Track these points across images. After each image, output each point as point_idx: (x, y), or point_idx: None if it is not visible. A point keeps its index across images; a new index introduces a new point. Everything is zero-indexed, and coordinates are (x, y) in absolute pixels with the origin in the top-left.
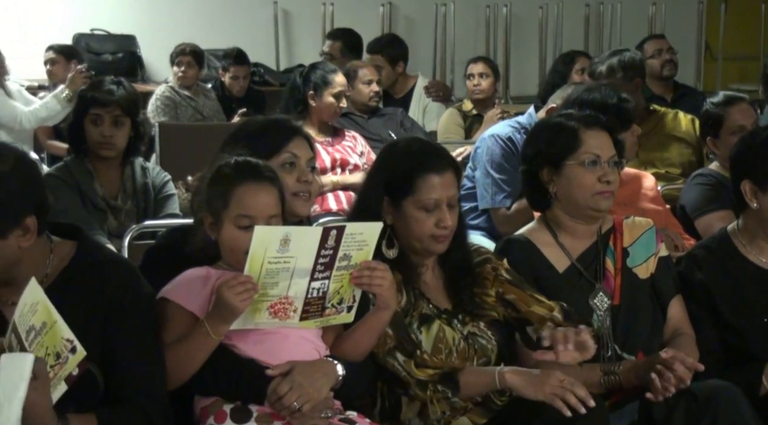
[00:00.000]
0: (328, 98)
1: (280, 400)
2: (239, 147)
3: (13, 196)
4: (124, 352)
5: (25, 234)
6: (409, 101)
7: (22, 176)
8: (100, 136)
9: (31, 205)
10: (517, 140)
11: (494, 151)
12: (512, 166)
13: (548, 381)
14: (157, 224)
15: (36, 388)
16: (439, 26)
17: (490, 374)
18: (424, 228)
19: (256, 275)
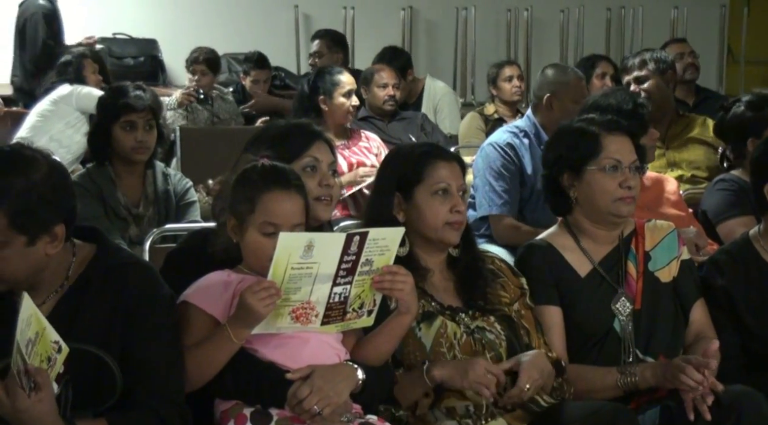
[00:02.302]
0: (339, 99)
1: (300, 404)
2: (263, 149)
3: (44, 204)
4: (142, 354)
5: (52, 241)
6: (420, 105)
7: (54, 184)
8: (135, 141)
9: (60, 213)
10: (516, 145)
11: (493, 159)
12: (511, 173)
13: (473, 369)
14: (178, 228)
15: (41, 400)
16: (460, 30)
17: (418, 375)
18: (439, 215)
19: (279, 281)
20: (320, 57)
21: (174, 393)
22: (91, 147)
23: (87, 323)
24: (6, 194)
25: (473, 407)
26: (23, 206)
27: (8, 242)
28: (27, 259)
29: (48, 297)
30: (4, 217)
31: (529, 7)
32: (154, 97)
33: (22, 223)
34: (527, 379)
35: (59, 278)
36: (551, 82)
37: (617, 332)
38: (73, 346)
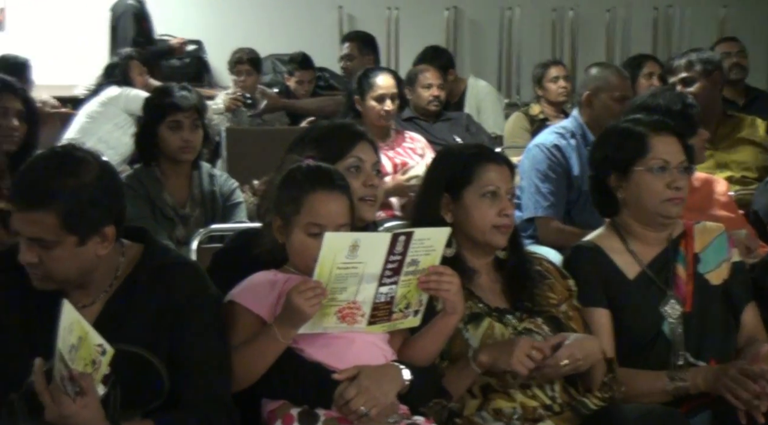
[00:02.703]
0: (370, 102)
1: (347, 404)
2: (307, 150)
3: (94, 205)
4: (190, 355)
5: (103, 242)
6: (462, 105)
7: (105, 184)
8: (181, 141)
9: (111, 214)
10: (563, 146)
11: (539, 160)
12: (557, 175)
13: (518, 346)
14: (224, 228)
15: (86, 405)
16: (505, 30)
17: (465, 363)
18: (487, 217)
19: (325, 281)
20: (351, 60)
21: (221, 393)
22: (138, 148)
23: (135, 323)
24: (58, 195)
25: (521, 409)
26: (74, 206)
27: (59, 242)
28: (77, 259)
29: (97, 298)
30: (56, 217)
31: (574, 6)
32: (200, 97)
33: (73, 223)
34: (567, 355)
35: (108, 278)
36: (592, 79)
37: (666, 335)
38: (119, 348)
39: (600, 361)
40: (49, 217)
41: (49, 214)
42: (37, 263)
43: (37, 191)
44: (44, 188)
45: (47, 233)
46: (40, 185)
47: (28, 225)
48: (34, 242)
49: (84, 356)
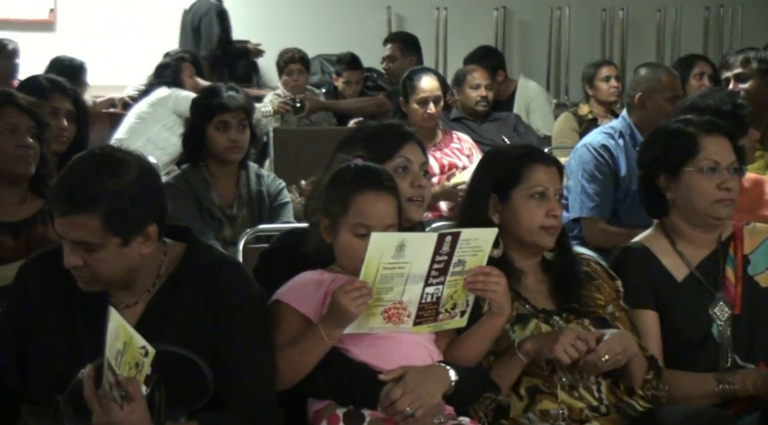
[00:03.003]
0: (413, 105)
1: (392, 405)
2: (355, 150)
3: (136, 204)
4: (234, 354)
5: (146, 241)
6: (511, 105)
7: (146, 184)
8: (229, 141)
9: (153, 213)
10: (611, 147)
11: (586, 161)
12: (604, 175)
13: (563, 334)
14: (271, 228)
15: (133, 411)
16: (554, 30)
17: (512, 354)
18: (535, 218)
19: (371, 281)
20: (393, 61)
21: (265, 392)
22: (186, 148)
23: (178, 322)
24: (99, 198)
25: (567, 410)
26: (116, 207)
27: (103, 244)
28: (122, 260)
29: (140, 298)
30: (99, 220)
31: (624, 6)
32: (247, 97)
33: (116, 224)
34: (607, 350)
35: (151, 277)
36: (643, 80)
37: (715, 337)
38: (162, 348)
39: (639, 357)
40: (92, 220)
41: (91, 217)
42: (83, 266)
43: (79, 195)
44: (85, 192)
45: (91, 236)
46: (81, 189)
47: (72, 229)
48: (78, 246)
49: (129, 360)
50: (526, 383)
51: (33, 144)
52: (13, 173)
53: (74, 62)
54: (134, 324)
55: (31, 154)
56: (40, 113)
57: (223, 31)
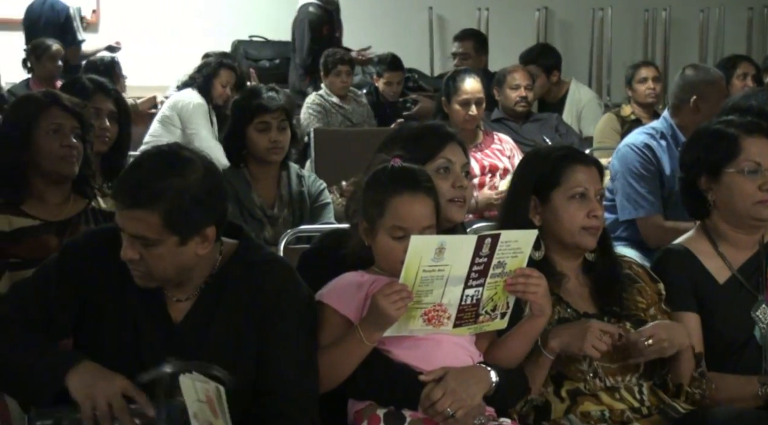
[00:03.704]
0: (455, 106)
1: (433, 406)
2: (396, 150)
3: (198, 205)
4: (279, 356)
5: (203, 242)
6: (562, 107)
7: (209, 185)
8: (269, 142)
9: (213, 215)
10: (654, 147)
11: (631, 160)
12: (651, 174)
13: (590, 331)
14: (312, 229)
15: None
16: (596, 31)
17: (539, 354)
18: (576, 219)
19: (410, 283)
20: (466, 59)
21: (306, 400)
22: (226, 149)
23: (225, 318)
24: (162, 195)
25: (609, 412)
26: (178, 206)
27: (161, 241)
28: (178, 258)
29: (192, 294)
30: (159, 217)
31: (667, 6)
32: (288, 98)
33: (176, 223)
34: (650, 333)
35: (204, 275)
36: (696, 83)
37: (757, 340)
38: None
39: (689, 353)
40: (153, 216)
41: (152, 213)
42: (138, 260)
43: (142, 191)
44: (149, 188)
45: (150, 231)
46: (146, 185)
47: (131, 222)
48: (136, 240)
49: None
50: (567, 385)
51: (77, 144)
52: (57, 172)
53: (105, 59)
54: (182, 318)
55: (75, 154)
56: (85, 114)
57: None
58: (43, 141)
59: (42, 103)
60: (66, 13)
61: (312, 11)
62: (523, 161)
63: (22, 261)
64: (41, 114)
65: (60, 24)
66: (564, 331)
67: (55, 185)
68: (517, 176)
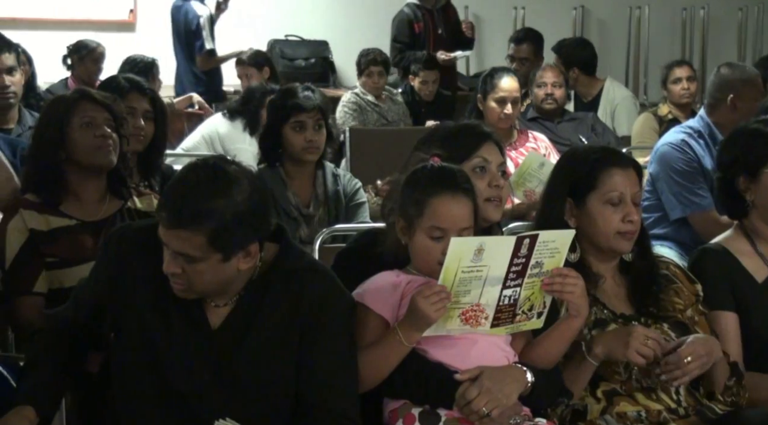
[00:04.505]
0: (491, 103)
1: (468, 405)
2: (433, 149)
3: (243, 225)
4: (322, 366)
5: (245, 257)
6: (596, 106)
7: (254, 204)
8: (305, 141)
9: (257, 232)
10: (692, 145)
11: (673, 159)
12: (695, 169)
13: (633, 338)
14: (347, 228)
15: None
16: (633, 29)
17: (581, 358)
18: (611, 224)
19: (449, 284)
20: (525, 63)
21: (349, 410)
22: (262, 149)
23: (264, 325)
24: (208, 216)
25: (645, 412)
26: (223, 227)
27: (205, 259)
28: (220, 274)
29: (230, 300)
30: (204, 237)
31: (705, 5)
32: (323, 97)
33: (220, 242)
34: (690, 352)
35: (244, 282)
36: (733, 81)
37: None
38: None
39: (723, 362)
40: (197, 236)
41: (197, 234)
42: (180, 274)
43: (187, 212)
44: (194, 209)
45: (193, 250)
46: (190, 205)
47: (175, 241)
48: (180, 256)
49: None
50: (603, 386)
51: (111, 134)
52: (94, 164)
53: (146, 59)
54: (221, 323)
55: (111, 144)
56: (116, 107)
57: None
58: (77, 135)
59: (72, 100)
60: (197, 21)
61: (405, 11)
62: (560, 163)
63: (59, 260)
64: (72, 110)
65: (191, 31)
66: (608, 337)
67: (92, 182)
68: (554, 178)
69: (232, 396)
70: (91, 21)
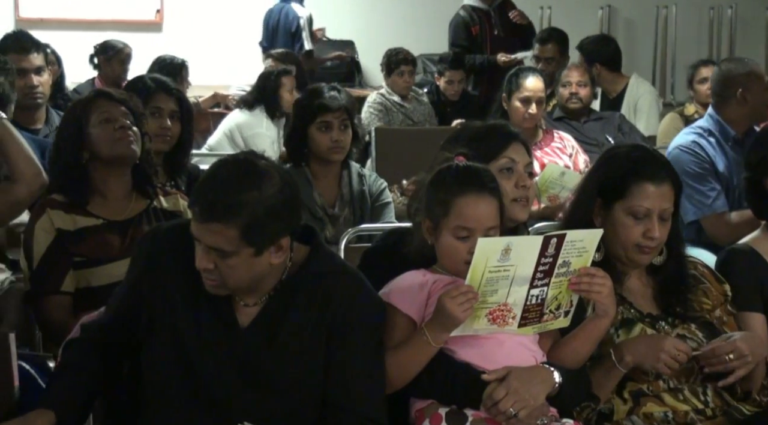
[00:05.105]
0: (515, 102)
1: (495, 405)
2: (459, 149)
3: (274, 218)
4: (350, 369)
5: (277, 252)
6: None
7: (285, 198)
8: (331, 141)
9: (289, 226)
10: (704, 145)
11: (685, 162)
12: (707, 171)
13: (663, 350)
14: (373, 228)
15: None
16: (660, 29)
17: (611, 365)
18: (631, 236)
19: (476, 284)
20: (550, 63)
21: (373, 411)
22: (288, 149)
23: (292, 326)
24: (241, 209)
25: (672, 413)
26: (255, 219)
27: (237, 253)
28: (252, 268)
29: (260, 299)
30: (237, 230)
31: (733, 4)
32: (349, 97)
33: (253, 235)
34: (731, 348)
35: (275, 281)
36: (739, 75)
37: None
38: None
39: (762, 361)
40: (230, 230)
41: (229, 227)
42: (213, 270)
43: (220, 205)
44: (227, 202)
45: (226, 244)
46: (223, 199)
47: (208, 235)
48: (212, 251)
49: None
50: (630, 387)
51: (130, 126)
52: (117, 156)
53: (176, 60)
54: (249, 323)
55: (131, 135)
56: (132, 103)
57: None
58: (97, 131)
59: (88, 99)
60: (297, 22)
61: (461, 14)
62: (599, 161)
63: (86, 260)
64: (90, 108)
65: (291, 32)
66: (639, 346)
67: (116, 178)
68: (590, 174)
69: (259, 396)
70: (117, 21)
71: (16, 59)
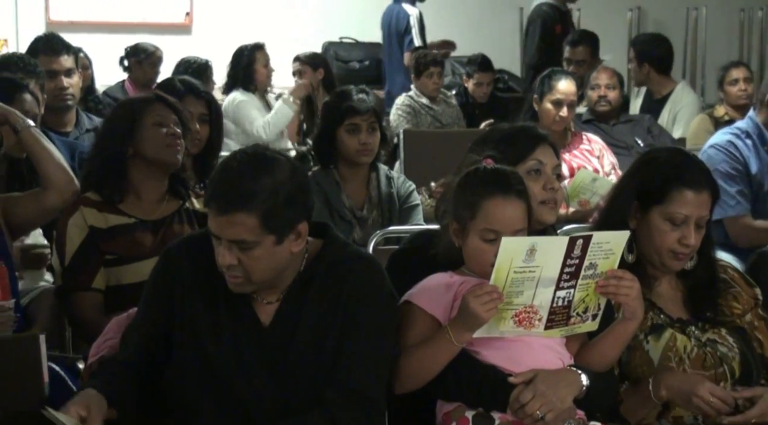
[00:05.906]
0: (546, 105)
1: (522, 408)
2: (487, 151)
3: (291, 203)
4: (347, 345)
5: (297, 239)
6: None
7: (298, 182)
8: (359, 144)
9: (304, 211)
10: (739, 146)
11: (718, 161)
12: (739, 172)
13: (697, 394)
14: (401, 230)
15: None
16: (690, 30)
17: (647, 395)
18: (666, 242)
19: (501, 285)
20: (581, 65)
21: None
22: (316, 151)
23: (311, 318)
24: (257, 195)
25: (701, 417)
26: (273, 205)
27: (259, 242)
28: (275, 258)
29: (279, 296)
30: (256, 217)
31: (764, 6)
32: (377, 100)
33: (272, 222)
34: (759, 413)
35: (293, 275)
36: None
37: None
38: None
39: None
40: (250, 218)
41: (249, 215)
42: (236, 266)
43: (237, 193)
44: (243, 189)
45: (248, 234)
46: (239, 187)
47: (229, 227)
48: (234, 245)
49: None
50: None
51: (180, 134)
52: (162, 161)
53: (200, 61)
54: (271, 321)
55: (179, 143)
56: (184, 114)
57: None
58: (148, 133)
59: (146, 100)
60: (407, 20)
61: (545, 10)
62: (638, 163)
63: (117, 258)
64: (146, 109)
65: (401, 31)
66: (675, 384)
67: (154, 181)
68: (627, 176)
69: (287, 392)
70: (147, 24)
71: (47, 61)
